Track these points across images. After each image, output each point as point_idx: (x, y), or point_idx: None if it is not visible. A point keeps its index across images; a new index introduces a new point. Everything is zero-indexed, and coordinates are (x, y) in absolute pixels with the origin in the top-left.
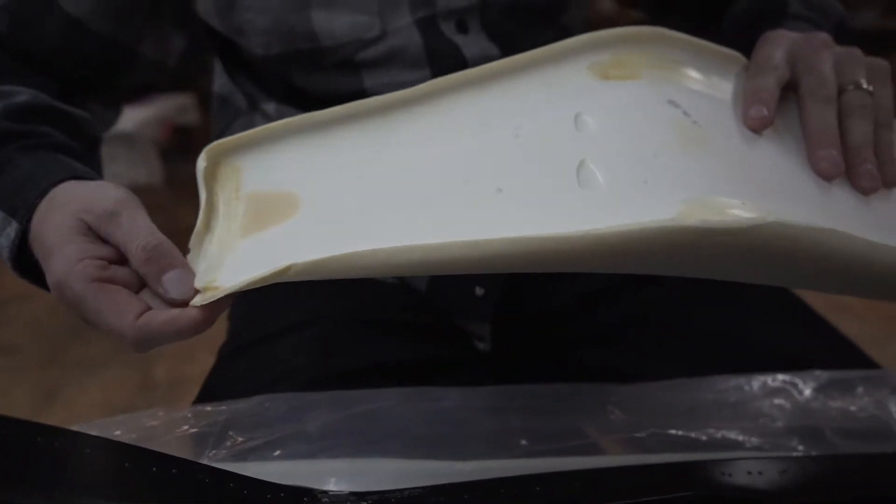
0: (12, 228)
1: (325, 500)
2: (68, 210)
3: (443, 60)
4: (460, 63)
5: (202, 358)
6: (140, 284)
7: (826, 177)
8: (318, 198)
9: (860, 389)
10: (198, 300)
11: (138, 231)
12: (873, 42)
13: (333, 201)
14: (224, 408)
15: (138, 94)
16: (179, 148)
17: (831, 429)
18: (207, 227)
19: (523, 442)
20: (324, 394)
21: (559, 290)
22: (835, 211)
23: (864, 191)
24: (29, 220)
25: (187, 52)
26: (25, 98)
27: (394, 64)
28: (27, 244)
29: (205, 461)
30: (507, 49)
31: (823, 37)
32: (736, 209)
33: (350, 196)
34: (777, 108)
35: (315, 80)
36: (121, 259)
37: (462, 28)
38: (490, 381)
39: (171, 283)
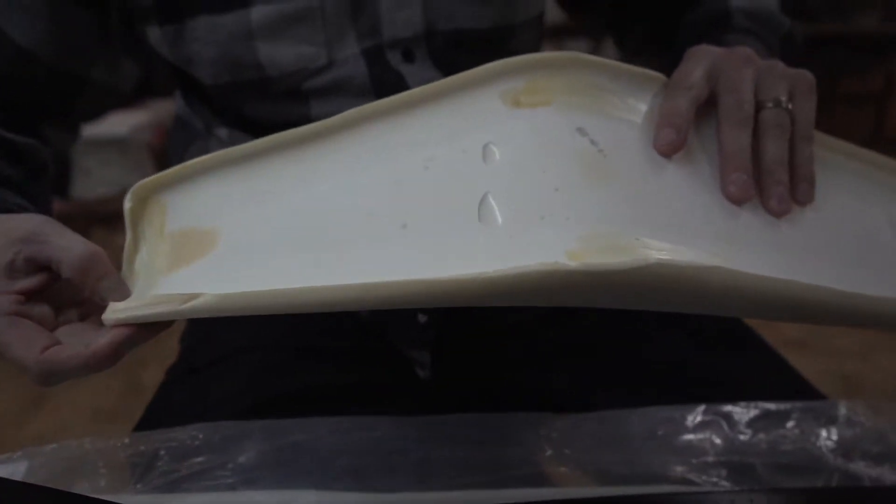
0: None
1: None
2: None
3: (388, 90)
4: (403, 88)
5: None
6: (55, 323)
7: (735, 201)
8: (236, 233)
9: (791, 422)
10: (107, 316)
11: (70, 243)
12: (872, 46)
13: (249, 237)
14: (159, 436)
15: (98, 116)
16: None
17: (762, 463)
18: (132, 266)
19: (450, 473)
20: (258, 423)
21: (502, 315)
22: (740, 238)
23: (775, 213)
24: None
25: (143, 76)
26: None
27: (340, 93)
28: None
29: (129, 493)
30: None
31: (745, 51)
32: (627, 247)
33: (264, 231)
34: (694, 127)
35: (264, 108)
36: (40, 292)
37: (408, 57)
38: (431, 407)
39: (107, 291)
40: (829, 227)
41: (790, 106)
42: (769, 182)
